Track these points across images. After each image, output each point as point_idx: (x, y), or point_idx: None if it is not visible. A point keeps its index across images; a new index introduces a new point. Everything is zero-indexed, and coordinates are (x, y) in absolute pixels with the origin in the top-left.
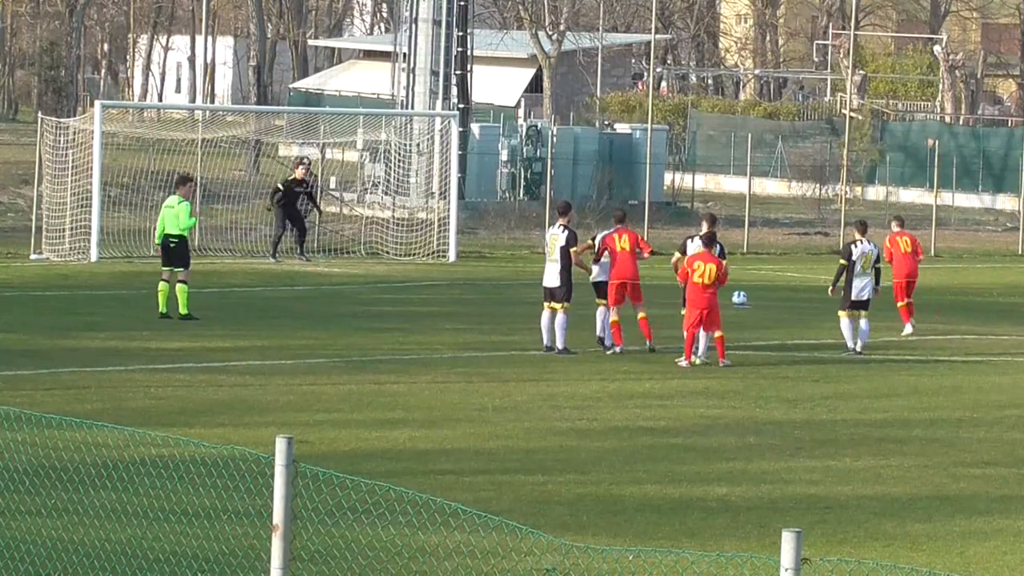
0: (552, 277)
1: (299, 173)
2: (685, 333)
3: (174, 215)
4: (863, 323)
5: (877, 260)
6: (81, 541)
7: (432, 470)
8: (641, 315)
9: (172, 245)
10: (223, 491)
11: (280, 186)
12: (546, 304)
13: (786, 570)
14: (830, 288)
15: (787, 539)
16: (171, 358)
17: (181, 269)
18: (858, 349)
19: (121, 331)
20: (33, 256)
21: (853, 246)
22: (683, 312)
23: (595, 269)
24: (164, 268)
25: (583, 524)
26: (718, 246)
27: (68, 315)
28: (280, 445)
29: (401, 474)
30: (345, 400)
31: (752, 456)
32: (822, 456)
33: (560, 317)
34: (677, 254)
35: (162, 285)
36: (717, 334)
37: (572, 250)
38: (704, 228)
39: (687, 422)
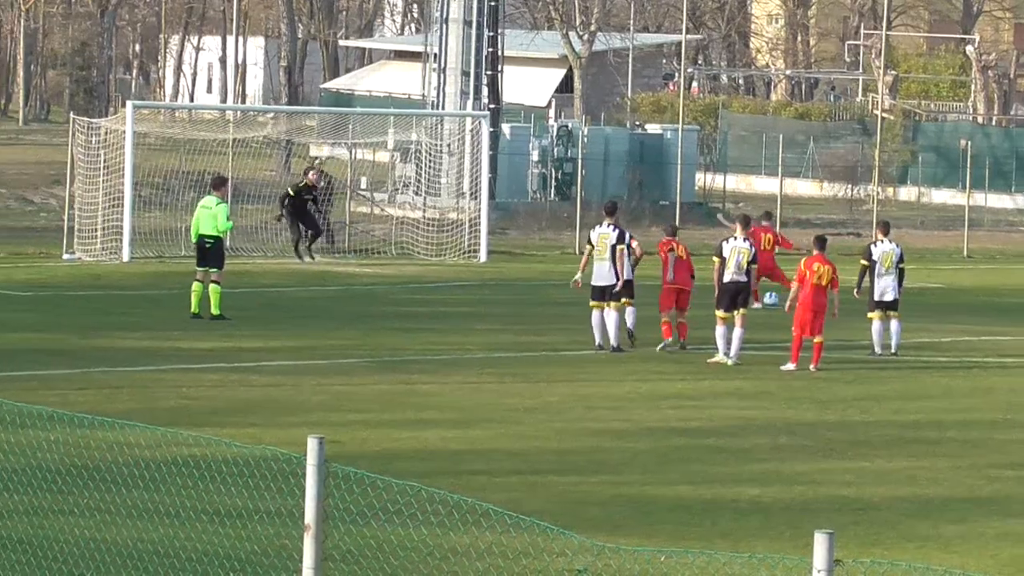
0: (605, 275)
1: (311, 178)
2: (793, 334)
3: (212, 216)
4: (894, 324)
5: (900, 260)
6: (113, 540)
7: (464, 470)
8: (682, 320)
9: (207, 246)
10: (255, 491)
11: (290, 191)
12: (596, 304)
13: (819, 572)
14: (855, 290)
15: (820, 540)
16: (203, 358)
17: (215, 270)
18: (893, 350)
19: (153, 331)
20: (65, 256)
21: (873, 246)
22: (716, 312)
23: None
24: (198, 268)
25: (615, 525)
26: (752, 248)
27: (100, 315)
28: (312, 445)
29: (433, 474)
30: (376, 400)
31: (785, 457)
32: (855, 457)
33: (615, 315)
34: (715, 259)
35: (196, 285)
36: (818, 339)
37: (620, 248)
38: (738, 229)
39: (720, 423)
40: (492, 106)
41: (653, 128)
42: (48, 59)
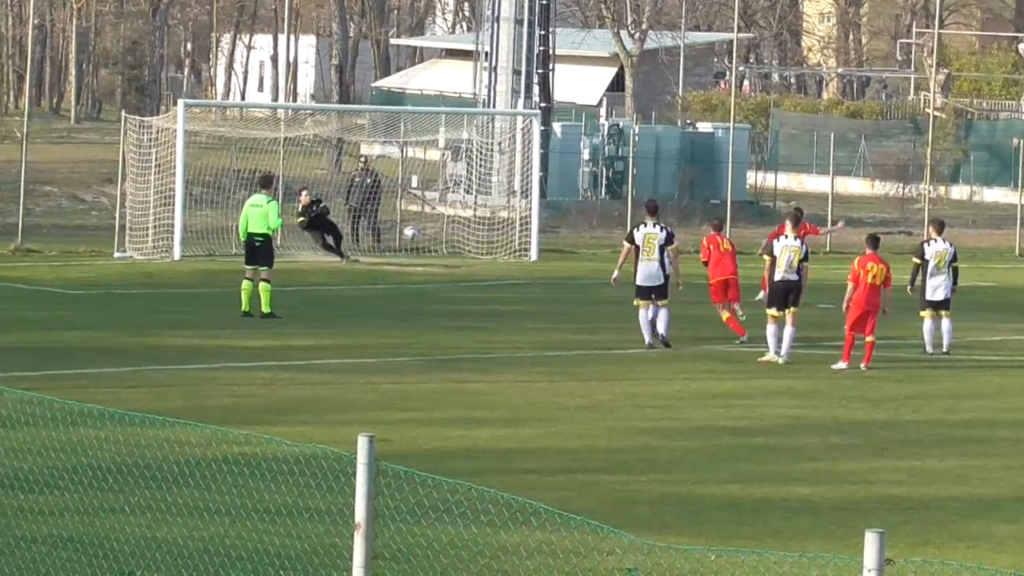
0: (653, 275)
1: (303, 199)
2: (846, 333)
3: (262, 214)
4: (946, 323)
5: (954, 259)
6: (164, 539)
7: (514, 469)
8: (728, 314)
9: (257, 244)
10: (305, 489)
11: (301, 217)
12: (644, 302)
13: (869, 571)
14: (908, 287)
15: (870, 540)
16: (253, 356)
17: (265, 268)
18: (944, 349)
19: (204, 329)
20: (117, 255)
21: (926, 244)
22: (767, 311)
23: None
24: (247, 267)
25: (665, 523)
26: (804, 247)
27: (151, 313)
28: (362, 443)
29: (483, 473)
30: (427, 399)
31: (835, 456)
32: (906, 457)
33: (664, 312)
34: (767, 257)
35: (245, 284)
36: (870, 338)
37: (670, 248)
38: (788, 227)
39: (770, 422)
40: (543, 104)
41: (704, 127)
42: (100, 58)
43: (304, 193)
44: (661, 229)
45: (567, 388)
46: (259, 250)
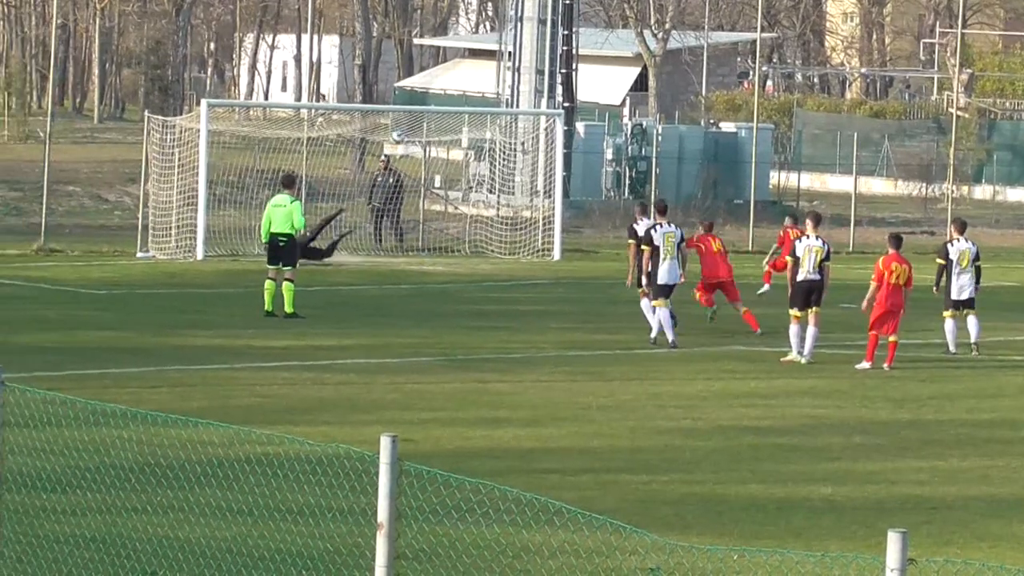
0: (674, 274)
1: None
2: (869, 333)
3: (287, 214)
4: (972, 320)
5: (976, 258)
6: (186, 538)
7: (536, 469)
8: (744, 309)
9: (281, 244)
10: (327, 489)
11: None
12: (663, 302)
13: (892, 571)
14: (934, 287)
15: (893, 539)
16: (276, 356)
17: (288, 268)
18: (973, 340)
19: (227, 329)
20: (140, 254)
21: (949, 244)
22: (790, 311)
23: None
24: (270, 266)
25: (688, 523)
26: (826, 246)
27: (174, 313)
28: (384, 443)
29: (505, 473)
30: (450, 399)
31: (858, 456)
32: (929, 456)
33: (666, 311)
34: (790, 259)
35: (268, 283)
36: (892, 338)
37: (682, 246)
38: (809, 227)
39: (792, 422)
40: (566, 104)
41: (727, 126)
42: (123, 57)
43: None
44: (675, 227)
45: (589, 388)
46: (283, 250)
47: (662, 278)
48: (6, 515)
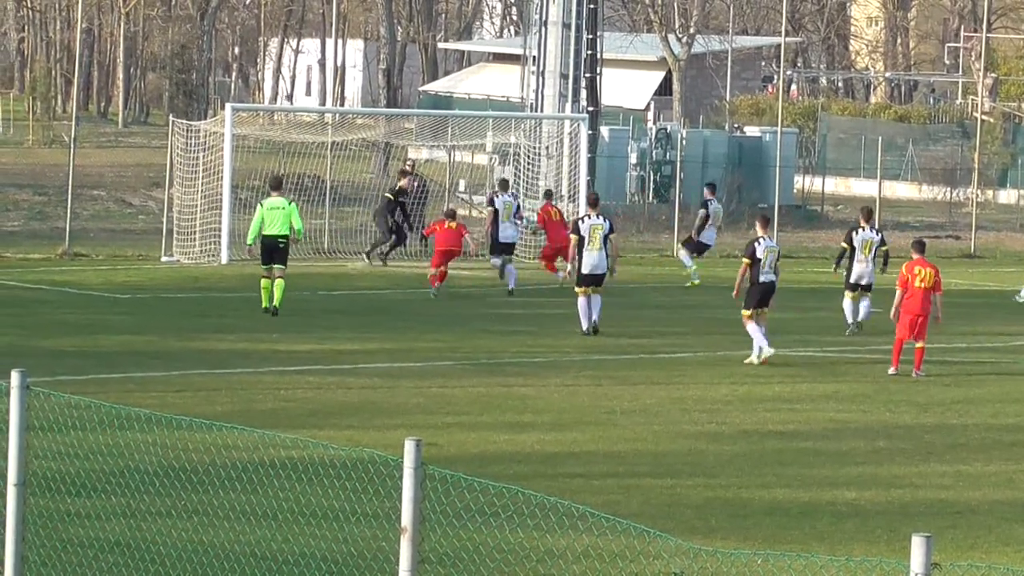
0: (599, 264)
1: (403, 183)
2: (896, 337)
3: (285, 216)
4: (864, 303)
5: (882, 243)
6: (211, 542)
7: (560, 473)
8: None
9: (281, 245)
10: (352, 493)
11: (389, 195)
12: (585, 290)
13: (916, 575)
14: (833, 267)
15: (917, 544)
16: (301, 360)
17: (280, 267)
18: (861, 317)
19: (251, 333)
20: (164, 258)
21: (854, 232)
22: (743, 311)
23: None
24: (265, 267)
25: (712, 528)
26: (777, 249)
27: (198, 317)
28: (409, 447)
29: (529, 477)
30: (474, 403)
31: (882, 460)
32: (953, 461)
33: (598, 299)
34: (746, 260)
35: (264, 282)
36: (919, 344)
37: (612, 236)
38: (759, 230)
39: (817, 426)
40: (591, 109)
41: (752, 131)
42: (148, 62)
43: (405, 179)
44: (604, 220)
45: (614, 392)
46: (282, 251)
47: (585, 268)
48: (31, 519)
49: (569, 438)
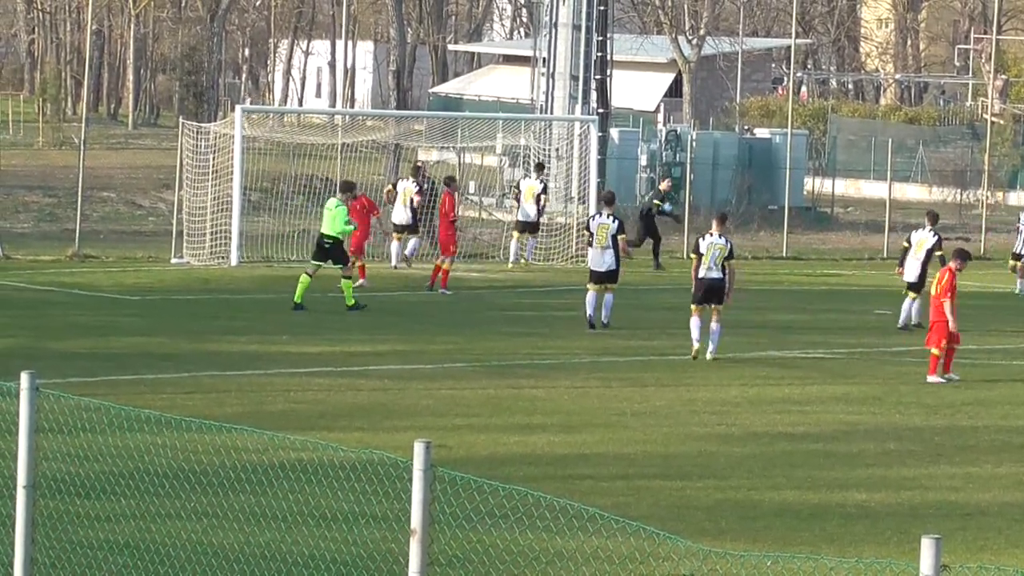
0: (606, 262)
1: (665, 186)
2: (935, 349)
3: (332, 217)
4: (714, 325)
5: (730, 255)
6: (220, 544)
7: (570, 475)
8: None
9: (326, 245)
10: (361, 495)
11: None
12: (595, 286)
13: None
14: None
15: (927, 546)
16: (311, 362)
17: (339, 266)
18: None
19: (261, 335)
20: (174, 260)
21: (701, 239)
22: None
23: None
24: (313, 263)
25: (721, 529)
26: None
27: (208, 319)
28: (418, 449)
29: (539, 479)
30: (484, 405)
31: (892, 462)
32: (963, 463)
33: (609, 296)
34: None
35: (304, 277)
36: (934, 351)
37: (620, 237)
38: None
39: (826, 428)
40: (601, 110)
41: (762, 132)
42: (158, 64)
43: (667, 181)
44: (614, 220)
45: (623, 394)
46: (329, 251)
47: (592, 264)
48: (40, 521)
49: (579, 440)
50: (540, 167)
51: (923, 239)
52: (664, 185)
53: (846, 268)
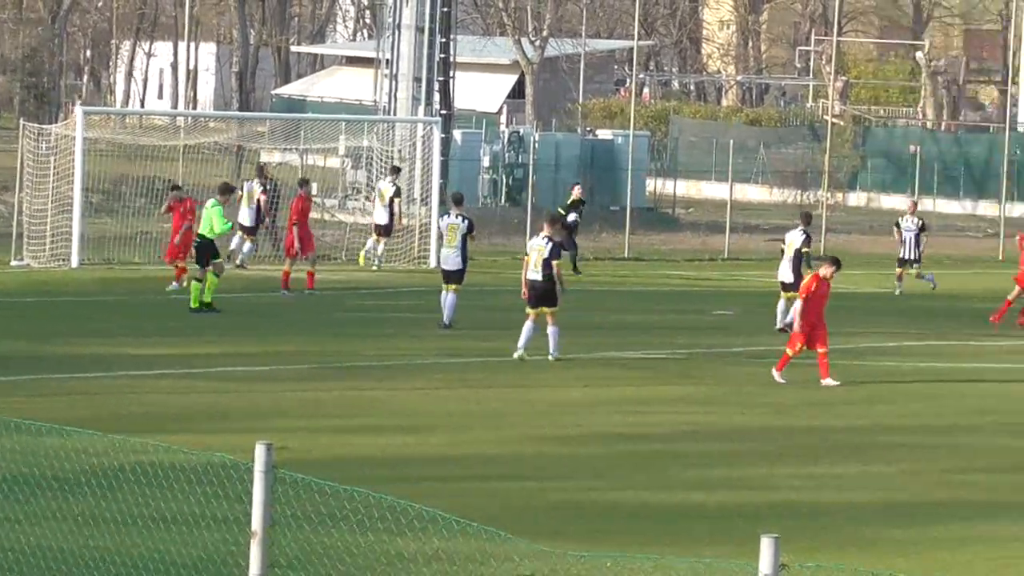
0: (454, 260)
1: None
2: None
3: (206, 218)
4: (550, 328)
5: (552, 255)
6: (59, 548)
7: (413, 476)
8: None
9: (197, 243)
10: (203, 497)
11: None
12: (445, 286)
13: (764, 575)
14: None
15: (765, 544)
16: (154, 364)
17: (207, 268)
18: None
19: (103, 337)
20: (14, 263)
21: (530, 239)
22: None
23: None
24: (195, 266)
25: (563, 530)
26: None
27: (49, 322)
28: (259, 451)
29: (381, 480)
30: (326, 406)
31: (733, 462)
32: (804, 463)
33: (452, 297)
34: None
35: (194, 283)
36: (789, 351)
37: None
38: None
39: (668, 428)
40: (444, 112)
41: (604, 134)
42: None
43: (577, 188)
44: (463, 220)
45: (466, 395)
46: (198, 250)
47: (442, 263)
48: None
49: (421, 441)
50: (396, 170)
51: (794, 239)
52: (575, 193)
53: (687, 269)
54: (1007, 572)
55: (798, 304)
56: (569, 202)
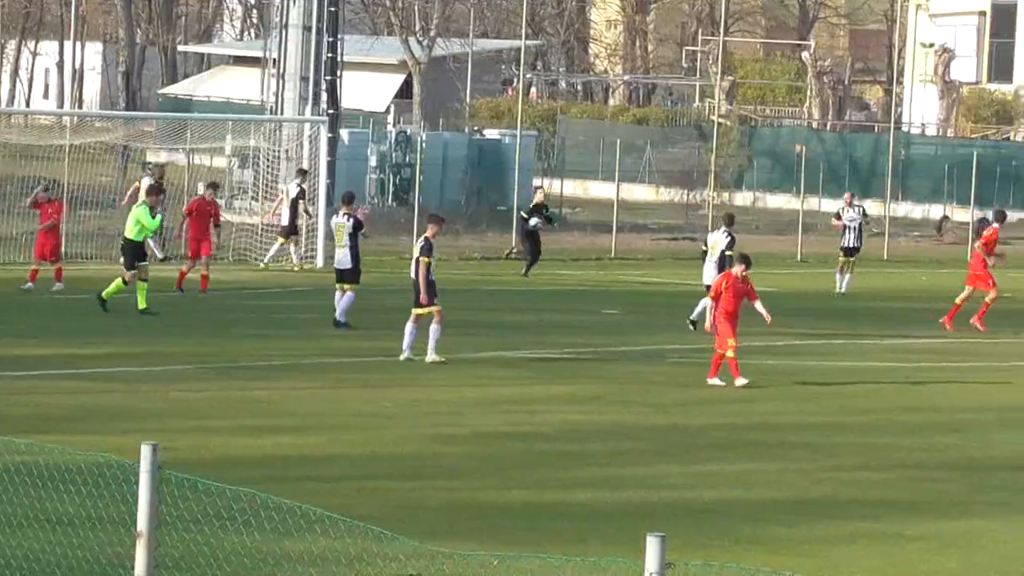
0: (344, 260)
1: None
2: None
3: (134, 219)
4: (433, 325)
5: (422, 253)
6: None
7: (298, 476)
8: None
9: (122, 246)
10: (88, 498)
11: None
12: (338, 285)
13: (651, 574)
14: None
15: (651, 543)
16: (37, 365)
17: (130, 271)
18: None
19: None
20: None
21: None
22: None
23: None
24: (129, 271)
25: (450, 530)
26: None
27: None
28: (145, 452)
29: (267, 480)
30: (213, 407)
31: (620, 461)
32: (689, 461)
33: (347, 296)
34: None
35: (139, 284)
36: (730, 353)
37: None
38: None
39: (555, 427)
40: (331, 111)
41: (491, 133)
42: None
43: (540, 191)
44: (349, 219)
45: (351, 395)
46: (124, 252)
47: (336, 263)
48: None
49: (307, 441)
50: (303, 172)
51: (717, 240)
52: (537, 197)
53: (574, 268)
54: (892, 570)
55: (709, 303)
56: (532, 206)
